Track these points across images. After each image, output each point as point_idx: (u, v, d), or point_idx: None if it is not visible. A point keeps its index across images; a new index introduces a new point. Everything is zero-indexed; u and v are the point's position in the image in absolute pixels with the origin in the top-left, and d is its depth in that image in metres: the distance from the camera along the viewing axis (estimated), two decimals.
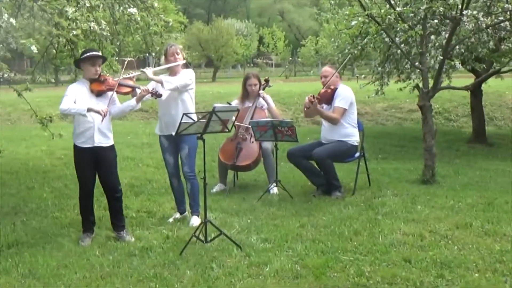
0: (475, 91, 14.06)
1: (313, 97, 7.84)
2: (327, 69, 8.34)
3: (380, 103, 18.64)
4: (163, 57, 6.89)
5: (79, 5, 6.04)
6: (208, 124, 5.89)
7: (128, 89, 6.28)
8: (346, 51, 12.22)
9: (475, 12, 7.65)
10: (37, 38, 5.55)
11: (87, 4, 6.04)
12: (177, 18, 7.46)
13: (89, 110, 5.91)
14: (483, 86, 14.24)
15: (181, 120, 5.79)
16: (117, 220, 6.37)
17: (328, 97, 8.05)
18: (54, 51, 6.95)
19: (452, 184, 8.85)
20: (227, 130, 6.28)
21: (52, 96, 19.19)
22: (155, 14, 7.20)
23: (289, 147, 8.59)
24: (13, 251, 5.91)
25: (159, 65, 6.88)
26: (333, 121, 8.02)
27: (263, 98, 8.62)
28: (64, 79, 32.28)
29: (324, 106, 8.12)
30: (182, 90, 6.64)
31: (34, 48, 5.37)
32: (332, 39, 19.23)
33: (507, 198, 7.60)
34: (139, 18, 6.89)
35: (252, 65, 68.81)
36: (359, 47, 11.35)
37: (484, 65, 12.04)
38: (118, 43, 8.00)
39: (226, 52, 52.73)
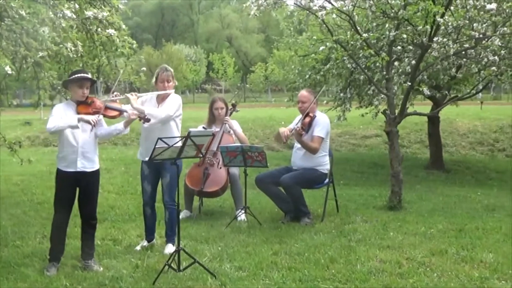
0: (433, 118, 14.26)
1: (302, 129, 7.74)
2: (304, 94, 8.18)
3: (334, 129, 18.70)
4: (154, 79, 6.72)
5: (54, 25, 5.84)
6: (183, 149, 5.72)
7: (116, 113, 6.07)
8: (307, 76, 12.26)
9: (445, 40, 7.72)
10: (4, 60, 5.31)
11: (63, 24, 5.84)
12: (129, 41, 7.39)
13: (79, 120, 5.72)
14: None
15: (155, 144, 5.60)
16: (88, 248, 6.10)
17: (307, 125, 7.95)
18: (14, 73, 6.69)
19: (419, 210, 8.89)
20: (201, 156, 6.12)
21: (9, 120, 18.66)
22: (124, 35, 7.05)
23: (257, 173, 8.46)
24: None
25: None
26: (313, 151, 7.91)
27: (228, 124, 8.48)
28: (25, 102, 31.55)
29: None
30: (165, 122, 6.47)
31: (8, 69, 5.14)
32: (287, 66, 19.23)
33: (477, 224, 7.68)
34: (118, 40, 6.72)
35: (200, 90, 68.87)
36: (321, 73, 11.39)
37: (446, 92, 12.20)
38: (81, 65, 7.76)
39: (176, 77, 52.50)
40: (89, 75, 6.07)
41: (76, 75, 5.89)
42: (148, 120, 6.18)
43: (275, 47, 39.28)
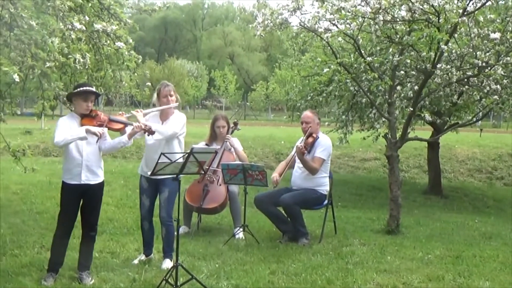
0: (433, 143, 14.29)
1: (305, 148, 7.79)
2: (308, 114, 8.25)
3: (333, 150, 18.72)
4: (155, 95, 6.74)
5: (64, 36, 5.88)
6: (185, 165, 5.75)
7: (120, 125, 6.11)
8: (309, 97, 12.32)
9: (448, 66, 7.78)
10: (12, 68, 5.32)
11: (73, 36, 5.89)
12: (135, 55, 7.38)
13: (87, 130, 5.76)
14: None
15: (158, 159, 5.62)
16: (84, 260, 6.12)
17: (309, 145, 7.99)
18: (22, 82, 6.72)
19: (417, 235, 8.90)
20: (202, 172, 6.15)
21: (9, 128, 18.63)
22: (130, 49, 7.10)
23: (256, 191, 8.48)
24: None
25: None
26: (313, 171, 7.95)
27: (229, 142, 8.50)
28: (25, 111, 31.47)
29: None
30: (170, 139, 6.50)
31: (16, 77, 5.17)
32: (288, 85, 19.33)
33: (474, 251, 7.69)
34: (126, 52, 6.77)
35: (201, 106, 68.93)
36: (323, 95, 11.45)
37: (447, 118, 12.25)
38: (86, 77, 7.80)
39: (177, 92, 52.65)
40: (94, 89, 6.10)
41: (81, 88, 5.92)
42: (152, 132, 6.18)
43: (277, 66, 39.51)
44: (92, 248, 6.24)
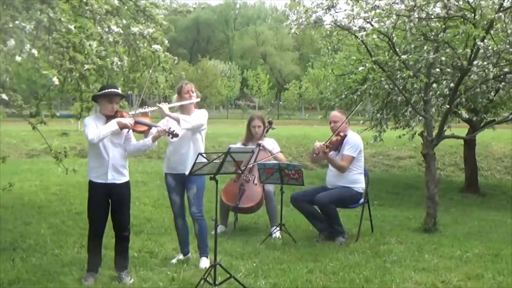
0: (469, 141, 14.15)
1: (326, 147, 7.78)
2: (336, 114, 8.27)
3: (367, 149, 18.63)
4: (175, 95, 6.80)
5: (102, 40, 5.97)
6: (222, 165, 5.79)
7: (144, 128, 6.15)
8: (343, 96, 12.30)
9: (485, 63, 7.70)
10: (51, 71, 5.43)
11: (110, 39, 5.98)
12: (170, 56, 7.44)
13: (118, 123, 5.83)
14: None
15: (195, 159, 5.67)
16: (121, 260, 6.18)
17: (337, 144, 7.99)
18: (61, 85, 6.85)
19: (454, 233, 8.82)
20: (240, 172, 6.19)
21: (46, 130, 18.98)
22: (164, 50, 7.17)
23: (292, 190, 8.48)
24: None
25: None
26: (341, 169, 7.94)
27: (263, 146, 8.48)
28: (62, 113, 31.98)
29: (332, 152, 8.05)
30: (195, 130, 6.55)
31: (55, 80, 5.27)
32: (322, 84, 19.35)
33: None
34: (163, 55, 6.85)
35: (234, 106, 69.18)
36: (358, 93, 11.42)
37: (484, 115, 12.13)
38: (122, 79, 7.90)
39: (211, 92, 52.99)
40: (119, 91, 6.13)
41: (106, 90, 5.96)
42: (176, 135, 6.22)
43: (309, 66, 39.48)
44: (127, 248, 6.28)
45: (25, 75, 10.12)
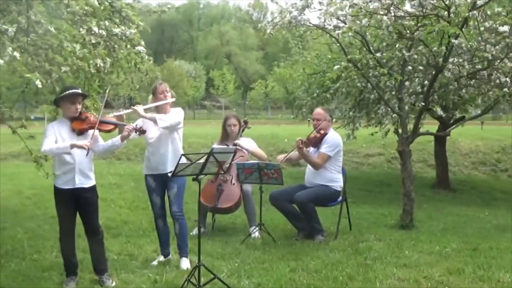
0: (440, 138, 14.33)
1: (302, 142, 7.80)
2: (319, 111, 8.28)
3: None
4: (150, 96, 6.75)
5: (84, 42, 5.89)
6: (205, 166, 5.76)
7: (111, 126, 6.03)
8: (315, 94, 12.35)
9: (460, 60, 7.79)
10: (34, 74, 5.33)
11: (93, 41, 5.90)
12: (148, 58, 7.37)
13: (72, 146, 5.64)
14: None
15: (178, 160, 5.64)
16: (99, 263, 6.10)
17: (316, 141, 8.02)
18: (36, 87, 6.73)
19: (430, 229, 8.94)
20: (222, 172, 6.17)
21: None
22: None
23: (270, 190, 8.48)
24: None
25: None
26: (315, 166, 7.98)
27: (240, 146, 8.43)
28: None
29: (311, 149, 8.08)
30: (173, 128, 6.51)
31: (38, 83, 5.18)
32: (293, 83, 19.38)
33: (490, 244, 7.70)
34: (146, 57, 6.79)
35: (200, 107, 68.96)
36: (331, 91, 11.46)
37: (457, 112, 12.28)
38: (97, 81, 7.81)
39: (177, 93, 52.52)
40: (80, 90, 5.98)
41: (67, 91, 5.81)
42: (143, 132, 6.20)
43: (275, 65, 39.51)
44: (103, 251, 6.19)
45: None
